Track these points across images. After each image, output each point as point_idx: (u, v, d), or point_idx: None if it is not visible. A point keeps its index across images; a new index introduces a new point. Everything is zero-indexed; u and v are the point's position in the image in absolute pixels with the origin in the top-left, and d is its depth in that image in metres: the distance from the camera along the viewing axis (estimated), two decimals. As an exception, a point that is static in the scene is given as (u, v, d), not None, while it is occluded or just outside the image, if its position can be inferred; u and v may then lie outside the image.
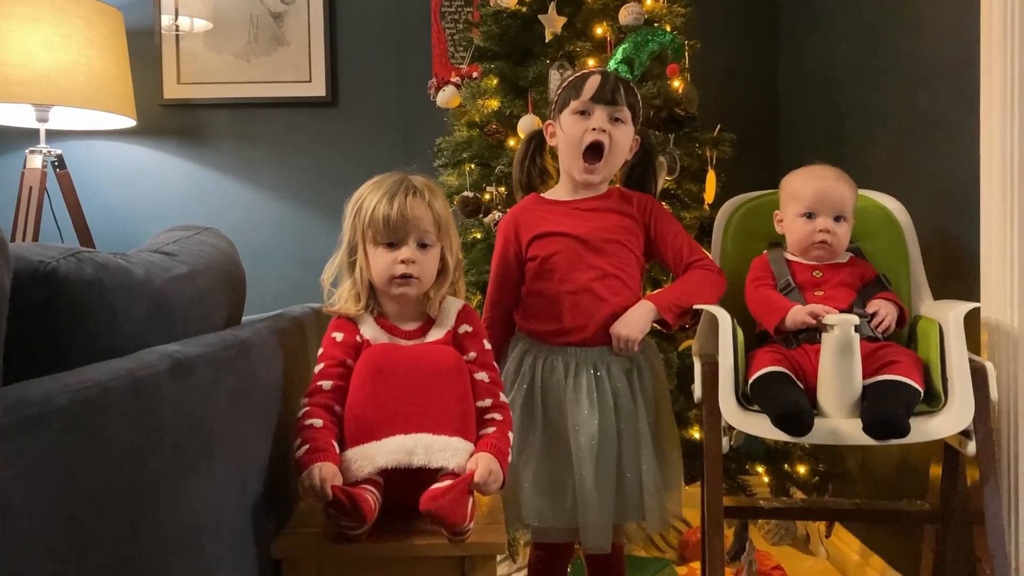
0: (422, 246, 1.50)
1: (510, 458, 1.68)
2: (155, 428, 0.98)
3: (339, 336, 1.52)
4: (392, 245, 1.50)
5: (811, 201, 1.74)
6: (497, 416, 1.50)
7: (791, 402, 1.47)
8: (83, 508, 0.82)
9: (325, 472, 1.33)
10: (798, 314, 1.62)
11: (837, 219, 1.74)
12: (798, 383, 1.57)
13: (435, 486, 1.32)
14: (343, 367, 1.48)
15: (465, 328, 1.56)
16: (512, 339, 1.84)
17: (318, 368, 1.49)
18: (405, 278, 1.49)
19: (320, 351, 1.52)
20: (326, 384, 1.47)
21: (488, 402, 1.51)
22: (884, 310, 1.66)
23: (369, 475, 1.36)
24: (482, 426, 1.48)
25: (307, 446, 1.38)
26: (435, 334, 1.54)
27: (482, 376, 1.52)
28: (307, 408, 1.44)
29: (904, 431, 1.43)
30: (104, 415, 0.87)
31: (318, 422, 1.41)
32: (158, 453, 0.99)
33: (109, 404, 0.88)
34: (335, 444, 1.40)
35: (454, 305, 1.58)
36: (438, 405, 1.41)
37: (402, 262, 1.48)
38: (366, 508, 1.30)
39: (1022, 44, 1.60)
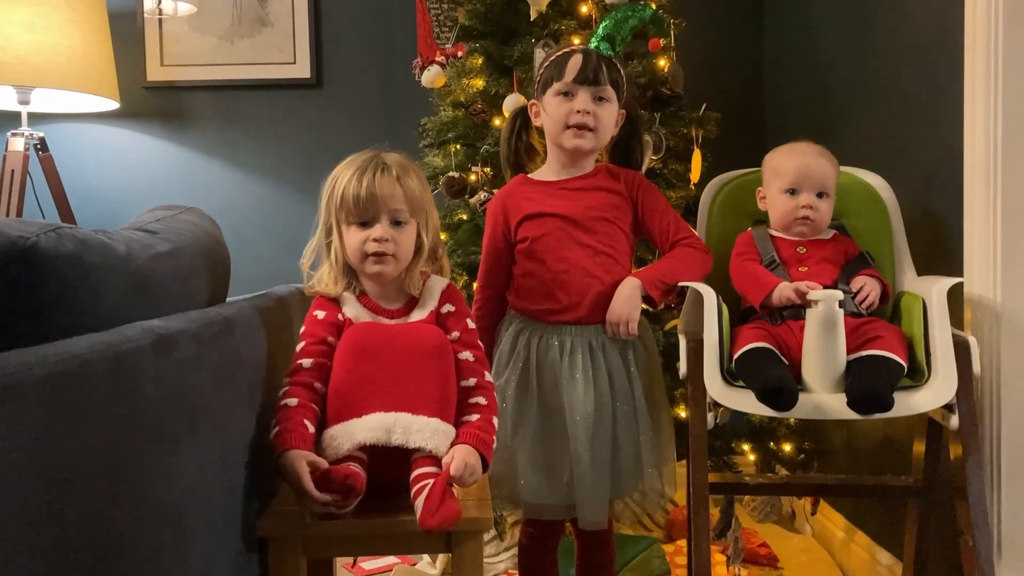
0: (396, 223, 1.49)
1: (505, 437, 1.69)
2: (136, 403, 0.98)
3: (321, 314, 1.51)
4: (365, 224, 1.49)
5: (794, 177, 1.75)
6: (481, 400, 1.49)
7: (775, 377, 1.48)
8: (62, 481, 0.82)
9: (297, 464, 1.31)
10: (785, 290, 1.63)
11: (820, 195, 1.75)
12: (782, 359, 1.57)
13: (422, 505, 1.31)
14: (324, 344, 1.47)
15: (448, 308, 1.55)
16: (506, 319, 1.84)
17: (299, 346, 1.49)
18: (379, 256, 1.48)
19: (302, 329, 1.52)
20: (306, 362, 1.46)
21: (472, 381, 1.50)
22: (868, 286, 1.66)
23: (349, 451, 1.36)
24: (465, 410, 1.47)
25: (278, 427, 1.37)
26: (419, 314, 1.54)
27: (466, 355, 1.51)
28: (286, 387, 1.43)
29: (888, 405, 1.43)
30: (84, 388, 0.86)
31: (293, 401, 1.41)
32: (139, 428, 0.98)
33: (89, 377, 0.88)
34: (307, 423, 1.39)
35: (438, 284, 1.57)
36: (418, 384, 1.40)
37: (375, 240, 1.47)
38: (355, 482, 1.30)
39: (1006, 22, 1.60)
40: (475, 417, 1.46)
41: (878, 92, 2.18)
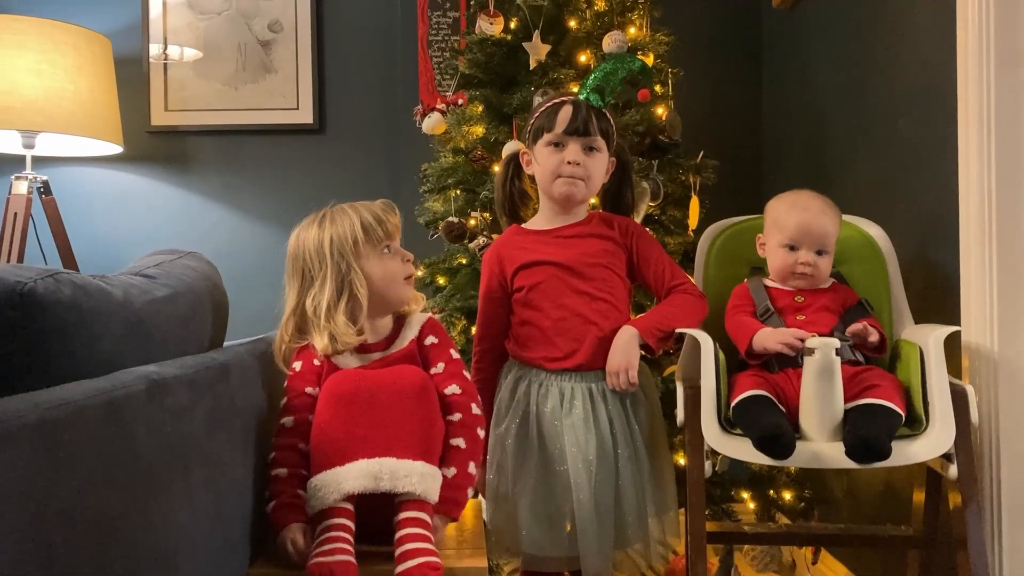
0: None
1: (506, 488, 1.70)
2: (129, 449, 0.98)
3: (298, 365, 1.53)
4: (389, 249, 1.57)
5: (794, 233, 1.74)
6: (460, 443, 1.49)
7: (772, 424, 1.47)
8: (53, 529, 0.81)
9: (296, 538, 1.37)
10: (767, 340, 1.62)
11: (819, 252, 1.75)
12: (780, 406, 1.57)
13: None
14: (304, 396, 1.49)
15: (431, 340, 1.57)
16: (505, 366, 1.84)
17: (283, 401, 1.51)
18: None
19: (286, 382, 1.53)
20: (288, 421, 1.48)
21: (457, 417, 1.50)
22: (866, 331, 1.66)
23: (336, 502, 1.35)
24: (446, 453, 1.47)
25: (274, 503, 1.40)
26: (399, 344, 1.56)
27: (452, 388, 1.52)
28: (274, 454, 1.45)
29: (886, 454, 1.42)
30: (76, 435, 0.86)
31: (283, 472, 1.43)
32: (132, 474, 0.98)
33: (82, 424, 0.88)
34: (300, 493, 1.41)
35: (418, 319, 1.60)
36: (401, 428, 1.40)
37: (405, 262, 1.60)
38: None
39: (997, 72, 1.62)
40: (452, 472, 1.46)
41: (874, 140, 2.20)
